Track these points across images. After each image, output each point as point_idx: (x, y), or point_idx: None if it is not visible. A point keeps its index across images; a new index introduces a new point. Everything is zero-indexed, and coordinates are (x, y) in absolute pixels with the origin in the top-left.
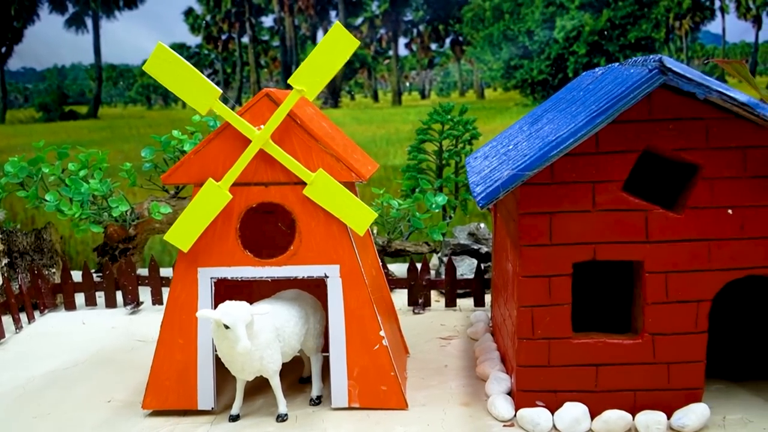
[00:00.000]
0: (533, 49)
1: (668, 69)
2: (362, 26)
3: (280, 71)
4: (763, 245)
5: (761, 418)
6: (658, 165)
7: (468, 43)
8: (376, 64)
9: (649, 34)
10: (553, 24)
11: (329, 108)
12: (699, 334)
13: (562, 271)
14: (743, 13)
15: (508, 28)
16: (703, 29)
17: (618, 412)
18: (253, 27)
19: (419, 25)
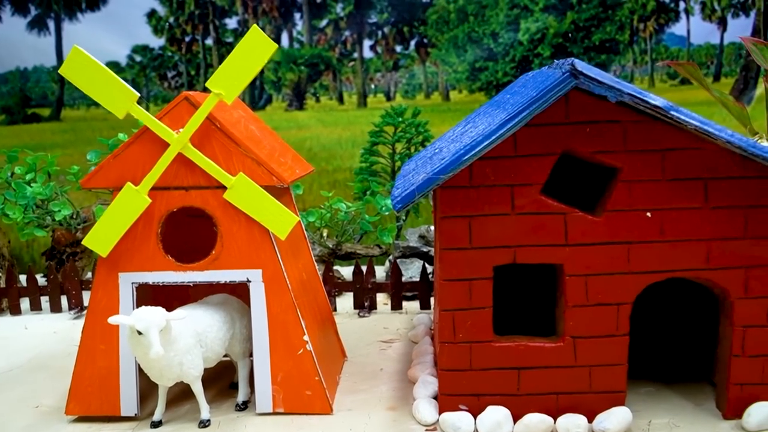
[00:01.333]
0: (498, 51)
1: (579, 72)
2: (327, 28)
3: None
4: (682, 248)
5: (688, 422)
6: (580, 168)
7: (433, 45)
8: (341, 66)
9: (613, 36)
10: (518, 26)
11: (294, 110)
12: (620, 337)
13: (483, 275)
14: (708, 14)
15: (473, 30)
16: (668, 31)
17: (539, 416)
18: (217, 29)
19: (384, 27)
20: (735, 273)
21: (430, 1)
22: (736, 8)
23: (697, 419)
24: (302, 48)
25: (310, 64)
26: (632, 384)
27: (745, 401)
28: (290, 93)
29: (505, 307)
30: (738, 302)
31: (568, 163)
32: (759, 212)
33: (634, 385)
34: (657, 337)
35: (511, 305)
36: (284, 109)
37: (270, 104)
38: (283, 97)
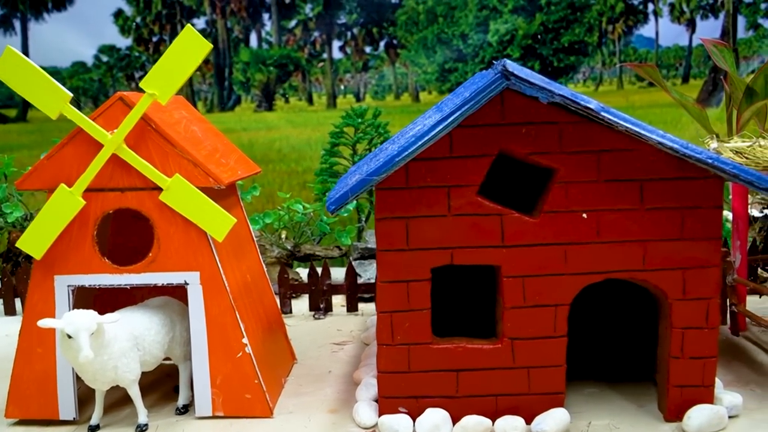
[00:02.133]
0: (467, 52)
1: (511, 74)
2: (296, 29)
3: (213, 74)
4: (619, 249)
5: (628, 424)
6: (520, 169)
7: (402, 46)
8: (311, 66)
9: (582, 38)
10: (487, 27)
11: (264, 111)
12: (558, 339)
13: (421, 276)
14: (677, 16)
15: (442, 31)
16: (637, 33)
17: (476, 418)
18: None
19: (353, 28)
20: (672, 274)
21: (399, 2)
22: (705, 10)
23: (637, 421)
24: (271, 48)
25: (279, 65)
26: (576, 385)
27: (686, 403)
28: (259, 94)
29: (449, 309)
30: (676, 303)
31: (507, 164)
32: (695, 213)
33: (578, 386)
34: (603, 337)
35: (456, 307)
36: (253, 110)
37: (239, 105)
38: (252, 98)
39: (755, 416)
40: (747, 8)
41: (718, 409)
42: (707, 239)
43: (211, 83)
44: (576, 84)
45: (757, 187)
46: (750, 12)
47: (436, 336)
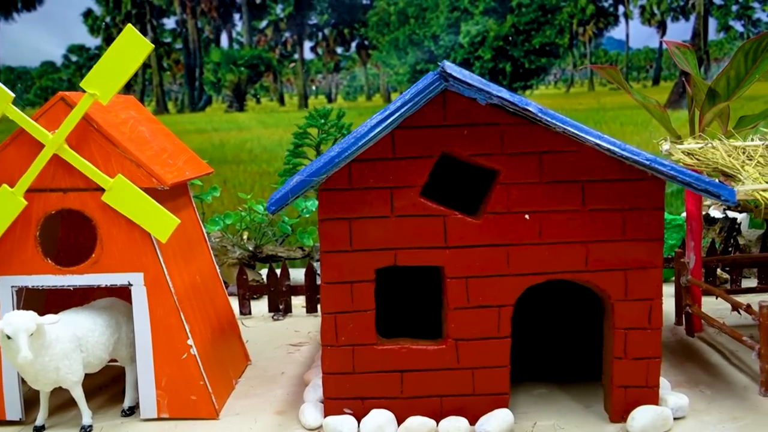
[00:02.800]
0: (439, 53)
1: (449, 75)
2: (267, 29)
3: (184, 74)
4: (561, 250)
5: (573, 425)
6: (465, 170)
7: (374, 47)
8: (282, 67)
9: (553, 39)
10: (458, 29)
11: (235, 111)
12: (502, 339)
13: (365, 277)
14: (647, 18)
15: (414, 32)
16: (607, 35)
17: (420, 419)
18: (155, 29)
19: (324, 28)
20: (614, 275)
21: (371, 3)
22: (675, 12)
23: (583, 422)
24: (242, 49)
25: (250, 65)
26: (526, 386)
27: (630, 404)
28: (230, 94)
29: (400, 310)
30: (618, 304)
31: (453, 165)
32: (637, 214)
33: (528, 387)
34: (555, 338)
35: (407, 308)
36: (224, 111)
37: (210, 105)
38: (223, 98)
39: (702, 418)
40: (718, 10)
41: (662, 410)
42: (649, 240)
43: (182, 83)
44: (547, 86)
45: (695, 189)
46: (721, 14)
47: (385, 337)
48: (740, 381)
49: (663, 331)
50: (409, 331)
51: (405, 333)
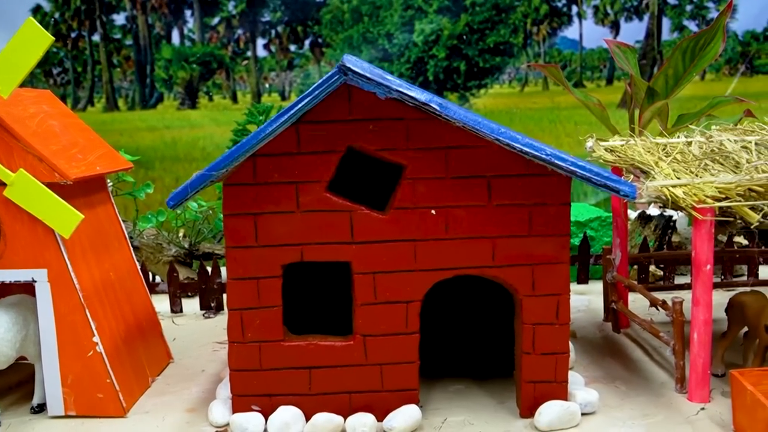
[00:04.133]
0: (393, 52)
1: (348, 69)
2: (219, 26)
3: (134, 70)
4: (468, 245)
5: (483, 420)
6: (379, 166)
7: (327, 45)
8: (234, 64)
9: (507, 39)
10: (413, 27)
11: (187, 109)
12: (410, 335)
13: (271, 273)
14: (601, 18)
15: (368, 30)
16: (561, 35)
17: (327, 415)
18: (104, 25)
19: (277, 26)
20: (521, 270)
21: (324, 1)
22: (629, 12)
23: (493, 417)
24: (194, 46)
25: (202, 62)
26: (443, 382)
27: (539, 399)
28: (182, 91)
29: (315, 306)
30: (526, 299)
31: (363, 160)
32: (543, 210)
33: (445, 384)
34: (476, 334)
35: (322, 304)
36: (176, 108)
37: (161, 103)
38: (175, 96)
39: (613, 413)
40: (672, 10)
41: (570, 405)
42: (555, 236)
43: (132, 80)
44: (501, 85)
45: (594, 184)
46: (675, 14)
47: (298, 333)
48: (659, 377)
49: (591, 327)
50: (327, 327)
51: (323, 329)
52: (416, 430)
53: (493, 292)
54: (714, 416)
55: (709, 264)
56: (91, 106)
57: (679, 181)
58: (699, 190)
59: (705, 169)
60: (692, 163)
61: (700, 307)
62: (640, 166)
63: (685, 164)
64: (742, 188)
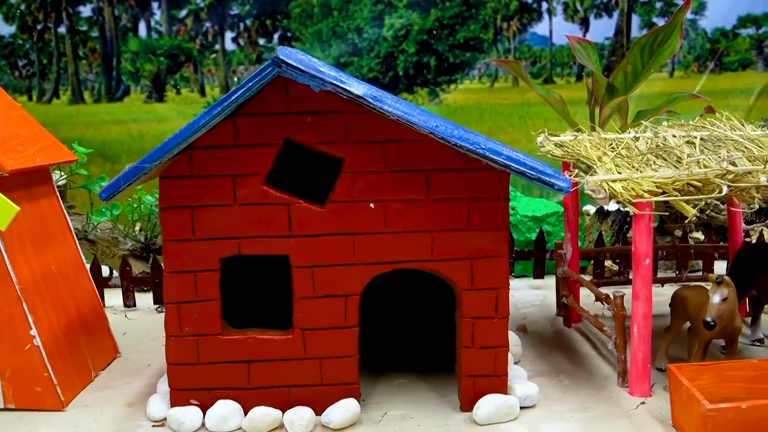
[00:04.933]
0: (363, 46)
1: (282, 61)
2: (187, 19)
3: (100, 62)
4: (406, 239)
5: (423, 414)
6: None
7: (297, 39)
8: (203, 58)
9: (477, 34)
10: (382, 22)
11: (154, 102)
12: (349, 329)
13: (209, 267)
14: (571, 15)
15: (337, 24)
16: (531, 31)
17: (264, 409)
18: (71, 17)
19: (246, 19)
20: (460, 264)
21: None
22: (598, 9)
23: (433, 411)
24: (161, 38)
25: (169, 55)
26: (389, 376)
27: (478, 393)
28: (149, 84)
29: (261, 300)
30: (465, 293)
31: (305, 153)
32: (481, 204)
33: (390, 377)
34: (426, 329)
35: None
36: (143, 101)
37: (128, 96)
38: (142, 89)
39: (553, 407)
40: (641, 7)
41: (508, 398)
42: (494, 230)
43: (99, 73)
44: (471, 80)
45: (528, 178)
46: (644, 11)
47: (241, 327)
48: (603, 371)
49: (543, 322)
50: (271, 321)
51: (267, 324)
52: (355, 423)
53: (440, 286)
54: (654, 411)
55: (648, 258)
56: (56, 98)
57: (618, 176)
58: (637, 184)
59: (647, 165)
60: (635, 158)
61: (640, 302)
62: (585, 161)
63: (629, 159)
64: (680, 183)
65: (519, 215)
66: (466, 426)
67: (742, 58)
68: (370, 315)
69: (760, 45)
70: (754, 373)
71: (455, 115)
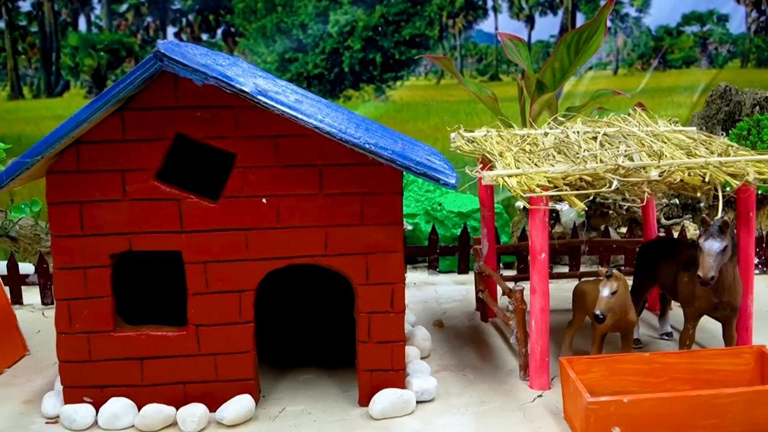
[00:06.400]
0: (308, 42)
1: (163, 55)
2: (127, 13)
3: (39, 58)
4: (300, 234)
5: (321, 409)
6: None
7: (240, 34)
8: (144, 53)
9: (423, 31)
10: (327, 18)
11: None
12: (245, 325)
13: (99, 263)
14: (516, 12)
15: (282, 20)
16: (477, 28)
17: (156, 406)
18: (10, 12)
19: (188, 14)
20: (354, 259)
21: None
22: (543, 7)
23: (332, 406)
24: (101, 33)
25: (109, 50)
26: (295, 371)
27: (376, 387)
28: (89, 80)
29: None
30: (361, 288)
31: (200, 149)
32: (375, 199)
33: (297, 373)
34: (332, 323)
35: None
36: (83, 96)
37: (68, 91)
38: (82, 84)
39: (451, 401)
40: (586, 5)
41: (403, 393)
42: (388, 225)
43: (38, 68)
44: (418, 77)
45: (413, 173)
46: (589, 9)
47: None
48: (510, 365)
49: (462, 316)
50: (172, 318)
51: (168, 320)
52: (251, 419)
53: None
54: (549, 403)
55: (544, 252)
56: None
57: (513, 170)
58: (530, 179)
59: (546, 159)
60: (538, 153)
61: (537, 295)
62: (487, 156)
63: (532, 155)
64: (572, 178)
65: (445, 211)
66: (362, 420)
67: (686, 56)
68: (281, 311)
69: (704, 42)
70: (646, 366)
71: (402, 111)
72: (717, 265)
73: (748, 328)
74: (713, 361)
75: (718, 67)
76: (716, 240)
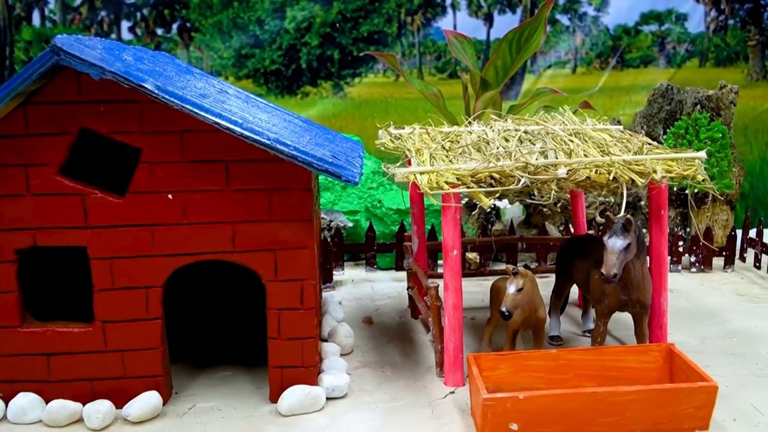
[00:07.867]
0: (264, 38)
1: (59, 49)
2: (81, 7)
3: None
4: (207, 231)
5: (232, 406)
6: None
7: (196, 29)
8: None
9: (381, 28)
10: (284, 14)
11: None
12: (152, 321)
13: (4, 258)
14: (475, 10)
15: (238, 16)
16: (435, 25)
17: (62, 402)
18: None
19: (143, 8)
20: (263, 255)
21: None
22: (502, 5)
23: (243, 403)
24: (55, 27)
25: None
26: (213, 369)
27: (286, 384)
28: None
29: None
30: (270, 285)
31: (109, 144)
32: (283, 195)
33: (214, 370)
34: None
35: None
36: None
37: None
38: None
39: (363, 398)
40: None
41: (312, 389)
42: (297, 221)
43: None
44: (376, 74)
45: (314, 169)
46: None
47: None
48: (429, 362)
49: (394, 313)
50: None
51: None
52: (159, 416)
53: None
54: (459, 400)
55: (456, 249)
56: None
57: (424, 168)
58: (440, 176)
59: (462, 156)
60: (455, 150)
61: (449, 293)
62: (407, 152)
63: (450, 152)
64: (482, 175)
65: (384, 208)
66: (271, 417)
67: (644, 55)
68: (203, 309)
69: (662, 42)
70: (552, 363)
71: (360, 108)
72: (620, 263)
73: (662, 326)
74: (621, 358)
75: (676, 67)
76: (619, 238)
